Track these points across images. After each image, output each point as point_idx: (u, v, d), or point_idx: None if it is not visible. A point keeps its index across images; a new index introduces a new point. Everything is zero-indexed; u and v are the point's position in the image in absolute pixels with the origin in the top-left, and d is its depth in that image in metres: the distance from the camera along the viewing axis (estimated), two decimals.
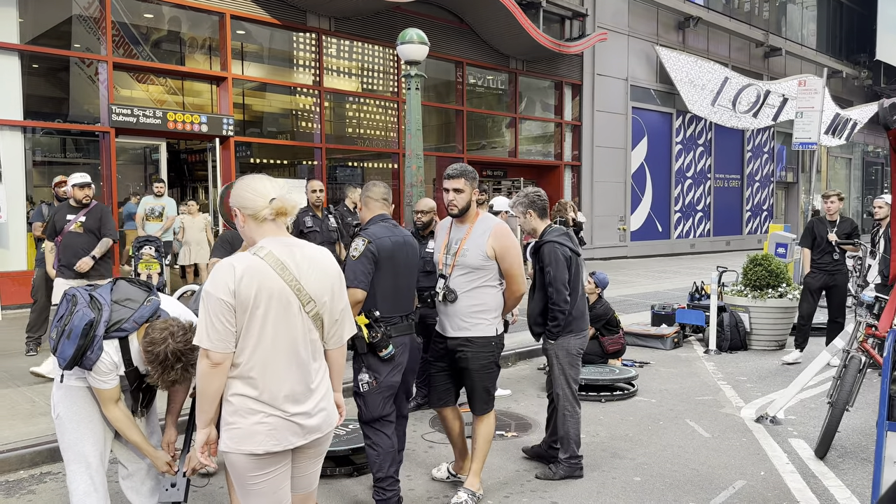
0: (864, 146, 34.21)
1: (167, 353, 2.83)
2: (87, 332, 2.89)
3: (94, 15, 10.94)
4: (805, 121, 13.59)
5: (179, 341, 2.86)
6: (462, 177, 3.95)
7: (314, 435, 2.57)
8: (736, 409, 6.10)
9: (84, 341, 2.88)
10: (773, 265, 8.54)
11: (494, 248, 3.93)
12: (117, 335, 2.94)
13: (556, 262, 4.32)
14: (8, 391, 6.00)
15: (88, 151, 11.44)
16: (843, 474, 4.61)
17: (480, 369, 4.00)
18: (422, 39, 7.53)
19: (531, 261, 4.74)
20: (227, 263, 2.44)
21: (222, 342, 2.40)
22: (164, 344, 2.84)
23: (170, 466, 3.15)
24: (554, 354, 4.50)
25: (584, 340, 4.59)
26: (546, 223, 4.56)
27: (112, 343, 2.95)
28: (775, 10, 26.62)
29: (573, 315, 4.43)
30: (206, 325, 2.40)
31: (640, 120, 20.75)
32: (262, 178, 2.61)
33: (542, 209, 4.54)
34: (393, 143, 14.99)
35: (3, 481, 4.48)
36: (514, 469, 4.72)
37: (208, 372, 2.42)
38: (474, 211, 4.05)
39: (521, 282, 4.07)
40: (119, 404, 3.05)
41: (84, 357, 2.89)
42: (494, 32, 15.96)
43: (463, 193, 3.96)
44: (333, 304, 2.63)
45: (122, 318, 2.96)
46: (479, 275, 3.96)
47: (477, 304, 3.97)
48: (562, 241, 4.40)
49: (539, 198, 4.53)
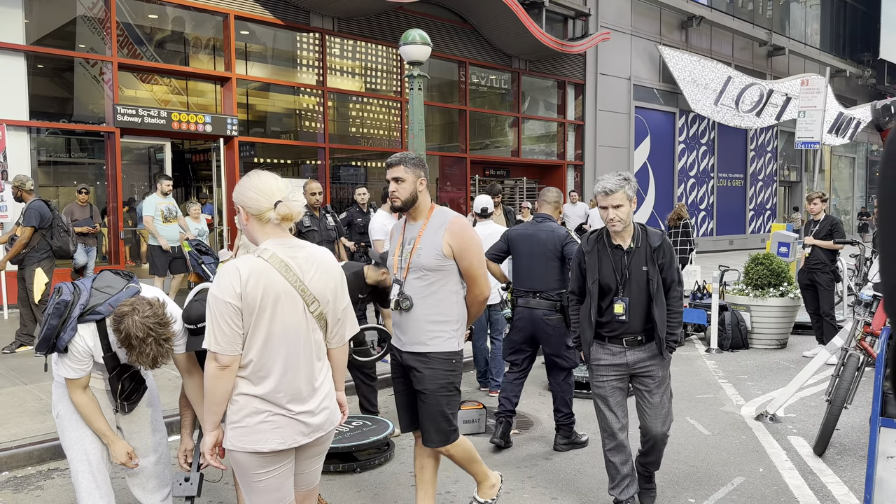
0: (868, 145, 34.16)
1: (134, 328, 2.82)
2: (62, 312, 2.94)
3: (98, 16, 11.01)
4: (808, 120, 13.61)
5: (146, 315, 2.84)
6: (401, 164, 3.43)
7: (318, 433, 2.62)
8: (736, 406, 6.14)
9: (58, 321, 2.93)
10: (775, 264, 8.57)
11: (451, 245, 3.37)
12: (92, 318, 2.97)
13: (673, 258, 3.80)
14: (16, 388, 6.08)
15: (93, 151, 11.52)
16: (841, 471, 4.65)
17: (438, 390, 3.42)
18: (424, 40, 7.56)
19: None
20: (233, 266, 2.47)
21: (230, 345, 2.43)
22: (128, 318, 2.83)
23: (129, 457, 3.13)
24: (669, 373, 3.93)
25: None
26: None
27: (88, 327, 2.98)
28: (779, 9, 26.60)
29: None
30: (213, 328, 2.43)
31: (643, 119, 20.77)
32: (268, 176, 2.62)
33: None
34: (396, 143, 15.04)
35: (11, 477, 4.55)
36: (515, 466, 4.77)
37: (217, 374, 2.45)
38: (427, 205, 3.51)
39: (485, 284, 3.50)
40: (87, 391, 3.08)
41: (58, 338, 2.93)
42: (497, 32, 16.00)
43: (405, 183, 3.43)
44: (336, 304, 2.67)
45: (98, 302, 2.99)
46: (436, 278, 3.41)
47: (435, 314, 3.42)
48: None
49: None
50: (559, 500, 4.25)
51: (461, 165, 16.45)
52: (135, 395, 3.27)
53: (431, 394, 3.42)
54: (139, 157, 12.81)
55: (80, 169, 11.83)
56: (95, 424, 3.10)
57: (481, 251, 3.50)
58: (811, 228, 7.98)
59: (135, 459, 3.17)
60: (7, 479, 4.51)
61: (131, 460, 3.15)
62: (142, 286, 3.13)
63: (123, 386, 3.19)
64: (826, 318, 7.89)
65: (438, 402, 3.43)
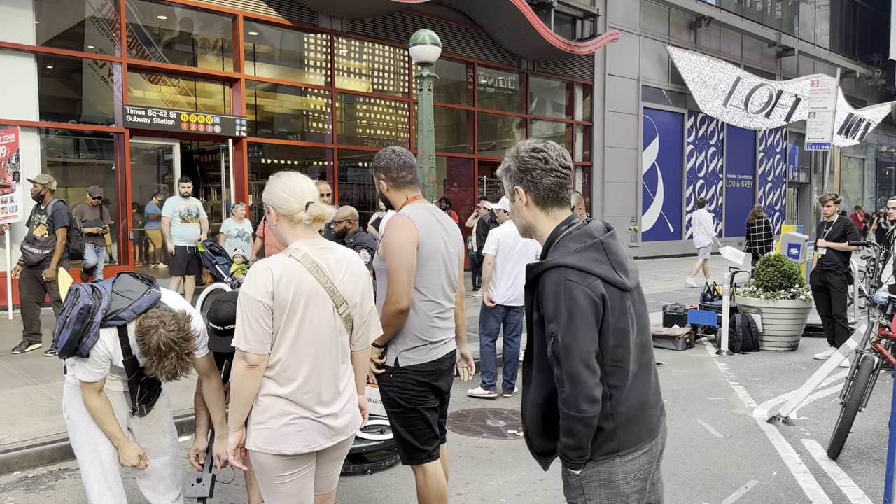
0: (878, 146, 33.98)
1: (158, 342, 2.81)
2: (84, 317, 2.91)
3: (108, 17, 11.04)
4: (818, 121, 13.53)
5: (171, 330, 2.83)
6: (371, 168, 3.40)
7: (341, 437, 2.60)
8: (748, 409, 6.09)
9: (81, 326, 2.91)
10: (786, 266, 8.52)
11: (382, 245, 3.17)
12: (114, 323, 2.95)
13: (564, 307, 2.05)
14: (27, 389, 6.09)
15: (102, 152, 11.55)
16: (856, 475, 4.61)
17: (385, 404, 3.24)
18: (434, 41, 7.54)
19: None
20: (264, 265, 2.45)
21: (260, 344, 2.42)
22: (155, 332, 2.82)
23: (140, 459, 3.12)
24: (581, 495, 2.20)
25: (645, 463, 2.20)
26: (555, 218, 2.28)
27: (110, 332, 2.96)
28: (788, 9, 26.49)
29: (619, 416, 2.14)
30: (243, 327, 2.41)
31: (651, 120, 20.71)
32: (298, 176, 2.60)
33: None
34: (404, 144, 15.02)
35: (22, 477, 4.55)
36: (527, 468, 4.74)
37: (244, 374, 2.43)
38: (400, 204, 3.33)
39: (396, 289, 3.07)
40: (101, 394, 3.07)
41: (80, 343, 2.91)
42: (506, 33, 15.98)
43: (377, 186, 3.38)
44: (363, 306, 2.66)
45: (121, 307, 2.97)
46: (383, 280, 3.19)
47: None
48: (581, 266, 2.07)
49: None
50: None
51: (469, 166, 16.43)
52: (153, 399, 3.26)
53: (385, 407, 3.24)
54: (148, 157, 12.84)
55: (89, 169, 11.86)
56: (108, 428, 3.09)
57: (402, 255, 3.08)
58: (824, 230, 7.93)
59: (145, 461, 3.16)
60: (18, 479, 4.51)
61: (141, 462, 3.13)
62: (162, 291, 3.12)
63: (142, 389, 3.18)
64: (838, 320, 7.83)
65: (389, 416, 3.27)
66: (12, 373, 6.61)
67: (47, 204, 7.47)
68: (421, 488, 3.29)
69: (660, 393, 2.29)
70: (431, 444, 3.27)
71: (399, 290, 3.07)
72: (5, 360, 7.08)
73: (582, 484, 2.17)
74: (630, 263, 2.19)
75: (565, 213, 2.23)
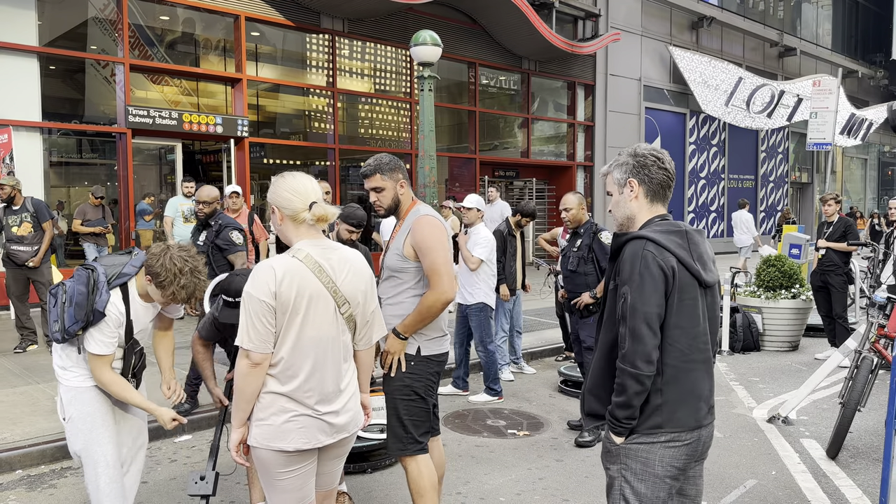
0: (880, 147, 33.94)
1: (172, 259, 2.99)
2: (87, 280, 3.03)
3: (110, 17, 11.07)
4: (820, 121, 13.53)
5: (179, 253, 3.04)
6: (377, 172, 3.40)
7: (341, 434, 2.63)
8: (748, 409, 6.10)
9: (86, 289, 3.00)
10: (787, 266, 8.53)
11: (412, 245, 3.26)
12: (119, 281, 3.08)
13: (637, 272, 2.25)
14: (29, 388, 6.11)
15: (104, 152, 11.58)
16: (855, 474, 4.62)
17: (393, 392, 3.32)
18: (435, 41, 7.56)
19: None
20: (267, 265, 2.48)
21: (263, 343, 2.45)
22: (166, 254, 3.01)
23: (176, 421, 3.19)
24: (618, 472, 2.36)
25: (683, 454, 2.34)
26: (654, 212, 2.43)
27: (115, 292, 3.07)
28: (790, 9, 26.47)
29: (668, 394, 2.31)
30: (246, 326, 2.44)
31: (653, 120, 20.71)
32: (302, 177, 2.63)
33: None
34: (406, 144, 15.05)
35: (24, 476, 4.58)
36: (526, 467, 4.76)
37: (247, 372, 2.47)
38: (407, 204, 3.45)
39: (444, 281, 3.21)
40: (112, 370, 3.13)
41: (93, 307, 3.00)
42: (507, 33, 15.99)
43: (385, 191, 3.39)
44: (366, 306, 2.69)
45: (117, 271, 3.10)
46: (400, 279, 3.33)
47: (395, 315, 3.31)
48: (661, 241, 2.28)
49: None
50: (570, 501, 4.23)
51: (470, 166, 16.45)
52: (142, 372, 3.36)
53: (389, 395, 3.34)
54: (150, 157, 12.87)
55: (91, 170, 11.90)
56: (133, 399, 3.14)
57: (445, 247, 3.26)
58: (824, 230, 7.94)
59: (180, 420, 3.23)
60: (21, 478, 4.54)
61: (176, 423, 3.21)
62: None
63: (135, 360, 3.25)
64: (838, 320, 7.84)
65: (395, 403, 3.32)
66: (14, 372, 6.64)
67: (20, 203, 7.46)
68: (416, 479, 3.33)
69: (713, 393, 2.46)
70: (426, 437, 3.39)
71: (448, 281, 3.22)
72: (7, 360, 7.12)
73: (621, 453, 2.33)
74: (710, 261, 2.37)
75: (663, 211, 2.42)
